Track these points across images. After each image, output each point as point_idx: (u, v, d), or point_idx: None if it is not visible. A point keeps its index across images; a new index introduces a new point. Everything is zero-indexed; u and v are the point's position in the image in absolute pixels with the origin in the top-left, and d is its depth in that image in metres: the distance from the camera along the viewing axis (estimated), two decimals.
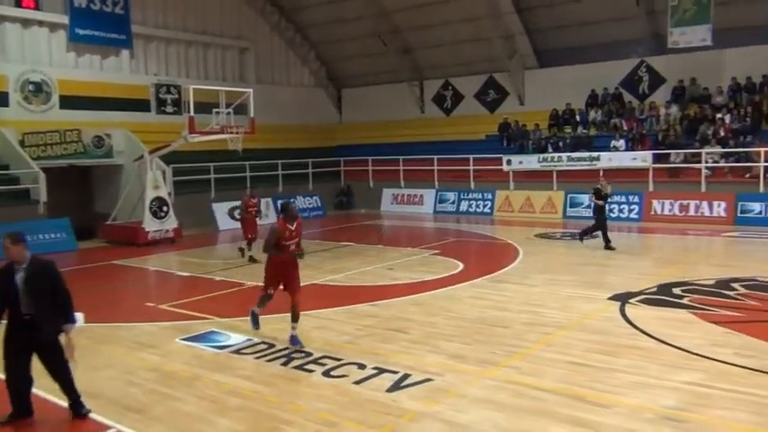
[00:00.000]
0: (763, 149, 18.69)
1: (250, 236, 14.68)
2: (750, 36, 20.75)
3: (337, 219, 23.90)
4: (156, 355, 7.98)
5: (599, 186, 15.17)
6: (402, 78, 28.87)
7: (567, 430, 5.51)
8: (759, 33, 20.61)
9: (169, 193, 19.57)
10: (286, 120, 27.91)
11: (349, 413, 5.99)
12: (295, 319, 8.17)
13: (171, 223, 18.75)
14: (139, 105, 23.58)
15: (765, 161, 18.54)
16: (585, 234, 15.37)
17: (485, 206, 23.28)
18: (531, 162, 22.80)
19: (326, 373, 7.05)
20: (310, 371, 7.16)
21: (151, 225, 18.27)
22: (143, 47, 24.50)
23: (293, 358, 7.58)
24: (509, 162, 23.14)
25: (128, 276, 14.16)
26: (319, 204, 25.37)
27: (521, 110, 26.17)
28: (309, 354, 7.69)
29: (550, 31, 24.82)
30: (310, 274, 12.87)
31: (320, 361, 7.43)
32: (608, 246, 14.79)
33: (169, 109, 24.43)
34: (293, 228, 8.17)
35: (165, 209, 18.67)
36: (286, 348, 7.94)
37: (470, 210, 23.53)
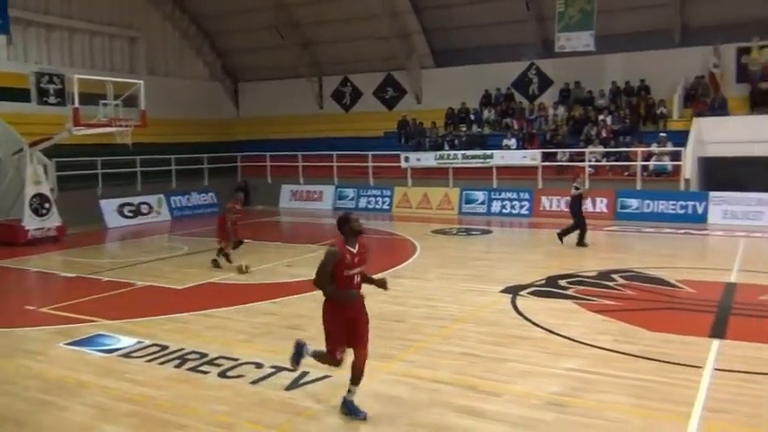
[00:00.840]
0: (639, 149, 20.13)
1: (223, 242, 13.13)
2: (629, 42, 22.22)
3: None
4: (38, 362, 7.50)
5: (576, 184, 15.33)
6: (301, 73, 28.66)
7: (462, 420, 5.69)
8: (638, 40, 22.11)
9: (52, 189, 18.41)
10: (180, 113, 26.97)
11: (246, 413, 5.90)
12: (356, 380, 5.82)
13: (54, 221, 17.65)
14: (18, 95, 21.93)
15: (642, 160, 19.98)
16: (582, 239, 14.87)
17: (383, 202, 23.56)
18: (428, 159, 23.30)
19: (222, 374, 6.90)
20: (205, 372, 6.98)
21: (31, 223, 17.13)
22: (22, 33, 22.91)
23: (187, 360, 7.36)
24: (407, 159, 23.53)
25: (5, 278, 13.20)
26: (215, 201, 24.71)
27: (418, 108, 26.67)
28: (204, 354, 7.49)
29: (447, 31, 25.45)
30: (206, 272, 12.58)
31: (216, 362, 7.26)
32: (561, 238, 14.89)
33: (52, 99, 22.92)
34: (355, 250, 5.72)
35: (47, 206, 17.55)
36: (180, 350, 7.69)
37: (369, 206, 23.72)
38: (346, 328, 5.70)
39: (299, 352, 6.09)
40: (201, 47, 29.83)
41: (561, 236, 15.03)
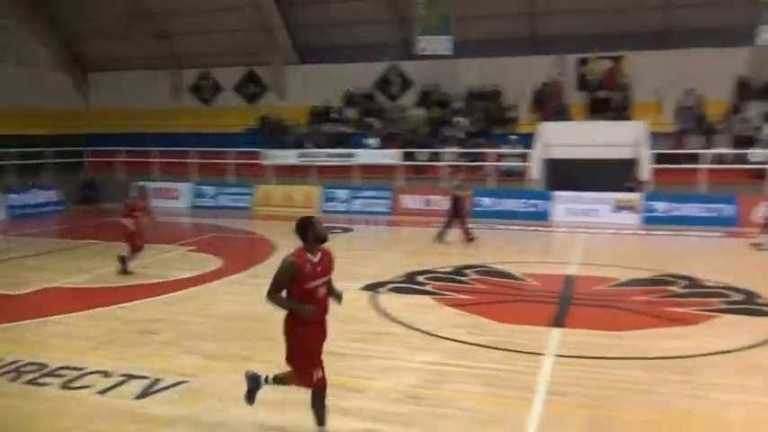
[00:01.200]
0: (492, 151, 21.28)
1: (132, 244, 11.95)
2: (484, 48, 23.37)
3: (81, 215, 21.84)
4: None
5: (459, 183, 15.78)
6: (157, 65, 27.35)
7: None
8: (492, 47, 23.30)
9: None
10: (18, 103, 24.68)
11: (92, 426, 5.54)
12: (323, 420, 5.23)
13: None
14: None
15: (494, 161, 21.13)
16: (468, 234, 15.44)
17: (244, 201, 23.07)
18: (290, 157, 23.15)
19: (66, 386, 6.41)
20: (45, 384, 6.45)
21: None
22: None
23: (24, 372, 6.75)
24: (269, 157, 23.21)
25: None
26: (59, 199, 22.95)
27: (281, 104, 26.37)
28: (44, 365, 6.91)
29: (311, 28, 25.40)
30: (49, 276, 11.63)
31: (58, 372, 6.73)
32: (469, 239, 15.35)
33: None
34: (317, 259, 5.05)
35: None
36: (15, 362, 7.04)
37: (229, 204, 23.11)
38: (315, 348, 5.10)
39: (255, 385, 5.50)
40: (46, 33, 27.47)
41: (469, 238, 15.44)
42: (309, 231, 5.00)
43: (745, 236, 16.50)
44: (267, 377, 5.53)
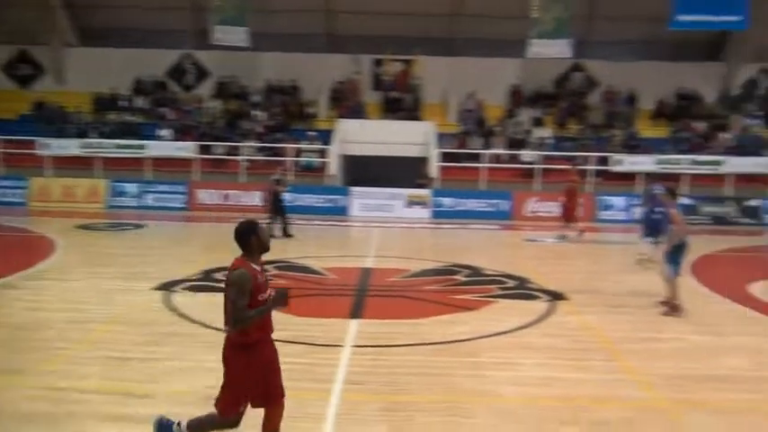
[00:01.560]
0: (291, 146, 21.36)
1: None
2: (283, 43, 23.39)
3: None
4: None
5: (279, 177, 15.58)
6: None
7: (109, 429, 5.34)
8: (290, 42, 23.37)
9: None
10: None
11: None
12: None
13: None
14: None
15: (294, 156, 21.25)
16: (286, 229, 15.42)
17: (17, 195, 20.70)
18: (71, 147, 21.24)
19: None
20: None
21: None
22: None
23: None
24: (46, 146, 21.08)
25: None
26: None
27: (60, 89, 24.10)
28: None
29: (95, 8, 23.52)
30: None
31: None
32: (287, 234, 15.36)
33: None
34: (260, 269, 4.61)
35: None
36: None
37: None
38: (262, 376, 4.66)
39: None
40: None
41: (287, 234, 15.41)
42: (253, 239, 4.53)
43: (518, 228, 18.46)
44: (180, 423, 4.87)
